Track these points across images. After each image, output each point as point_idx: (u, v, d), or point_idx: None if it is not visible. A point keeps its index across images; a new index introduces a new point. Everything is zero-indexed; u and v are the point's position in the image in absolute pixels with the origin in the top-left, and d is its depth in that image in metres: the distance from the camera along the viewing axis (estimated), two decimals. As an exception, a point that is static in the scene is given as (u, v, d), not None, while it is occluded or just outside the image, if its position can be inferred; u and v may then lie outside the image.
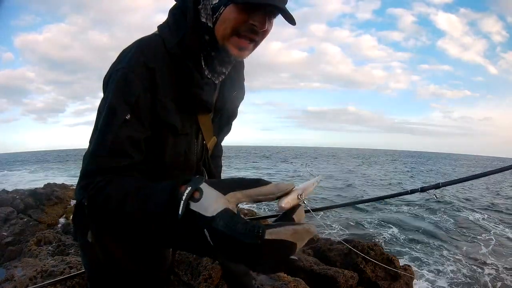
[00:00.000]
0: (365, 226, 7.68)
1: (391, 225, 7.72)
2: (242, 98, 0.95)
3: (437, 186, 1.34)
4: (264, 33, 0.71)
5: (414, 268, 3.83)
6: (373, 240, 5.29)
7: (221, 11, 0.68)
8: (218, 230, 0.40)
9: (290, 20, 0.68)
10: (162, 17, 0.80)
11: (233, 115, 0.94)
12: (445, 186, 1.35)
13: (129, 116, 0.65)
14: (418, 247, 6.10)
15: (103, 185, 0.59)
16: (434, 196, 1.33)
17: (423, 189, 1.38)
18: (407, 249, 5.97)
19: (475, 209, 9.84)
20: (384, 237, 6.71)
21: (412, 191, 1.43)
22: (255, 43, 0.73)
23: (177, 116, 0.73)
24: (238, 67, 0.89)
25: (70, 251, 3.90)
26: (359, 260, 2.86)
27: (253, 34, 0.69)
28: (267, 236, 0.37)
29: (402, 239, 6.66)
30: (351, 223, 7.75)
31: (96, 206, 0.60)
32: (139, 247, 0.78)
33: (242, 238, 0.38)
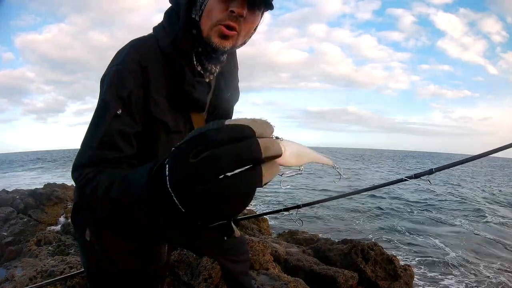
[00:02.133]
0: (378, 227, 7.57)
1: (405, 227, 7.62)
2: (237, 100, 0.94)
3: (430, 172, 1.36)
4: (246, 23, 0.71)
5: (415, 270, 3.81)
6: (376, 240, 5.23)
7: (205, 3, 0.70)
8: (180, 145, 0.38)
9: (268, 5, 0.71)
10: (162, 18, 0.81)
11: (227, 116, 0.92)
12: (438, 171, 1.38)
13: (120, 110, 0.67)
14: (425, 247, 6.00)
15: (92, 176, 0.60)
16: (428, 182, 1.35)
17: (417, 176, 1.40)
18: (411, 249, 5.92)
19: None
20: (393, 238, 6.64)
21: (407, 178, 1.44)
22: (238, 33, 0.72)
23: (169, 113, 0.74)
24: (232, 69, 0.89)
25: (70, 251, 3.91)
26: (359, 260, 2.86)
27: (233, 22, 0.69)
28: (226, 123, 0.37)
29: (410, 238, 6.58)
30: (353, 221, 7.74)
31: (85, 197, 0.60)
32: (133, 243, 0.78)
33: (202, 130, 0.37)
